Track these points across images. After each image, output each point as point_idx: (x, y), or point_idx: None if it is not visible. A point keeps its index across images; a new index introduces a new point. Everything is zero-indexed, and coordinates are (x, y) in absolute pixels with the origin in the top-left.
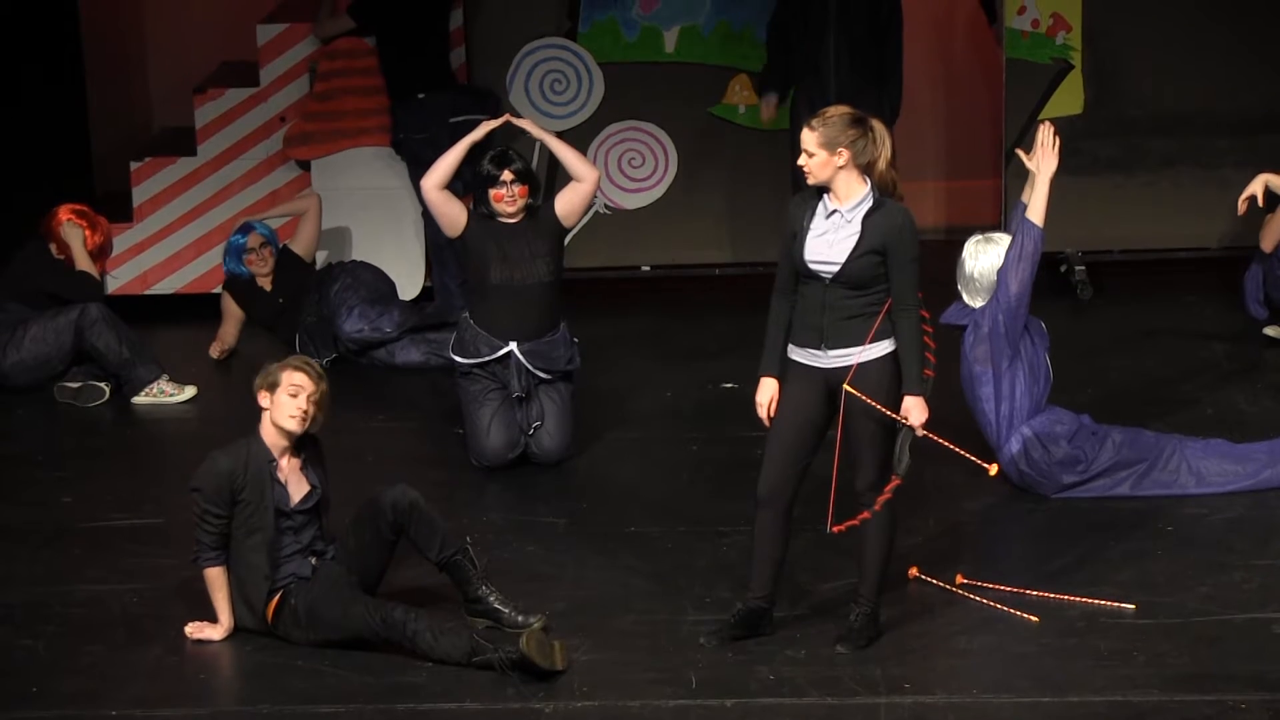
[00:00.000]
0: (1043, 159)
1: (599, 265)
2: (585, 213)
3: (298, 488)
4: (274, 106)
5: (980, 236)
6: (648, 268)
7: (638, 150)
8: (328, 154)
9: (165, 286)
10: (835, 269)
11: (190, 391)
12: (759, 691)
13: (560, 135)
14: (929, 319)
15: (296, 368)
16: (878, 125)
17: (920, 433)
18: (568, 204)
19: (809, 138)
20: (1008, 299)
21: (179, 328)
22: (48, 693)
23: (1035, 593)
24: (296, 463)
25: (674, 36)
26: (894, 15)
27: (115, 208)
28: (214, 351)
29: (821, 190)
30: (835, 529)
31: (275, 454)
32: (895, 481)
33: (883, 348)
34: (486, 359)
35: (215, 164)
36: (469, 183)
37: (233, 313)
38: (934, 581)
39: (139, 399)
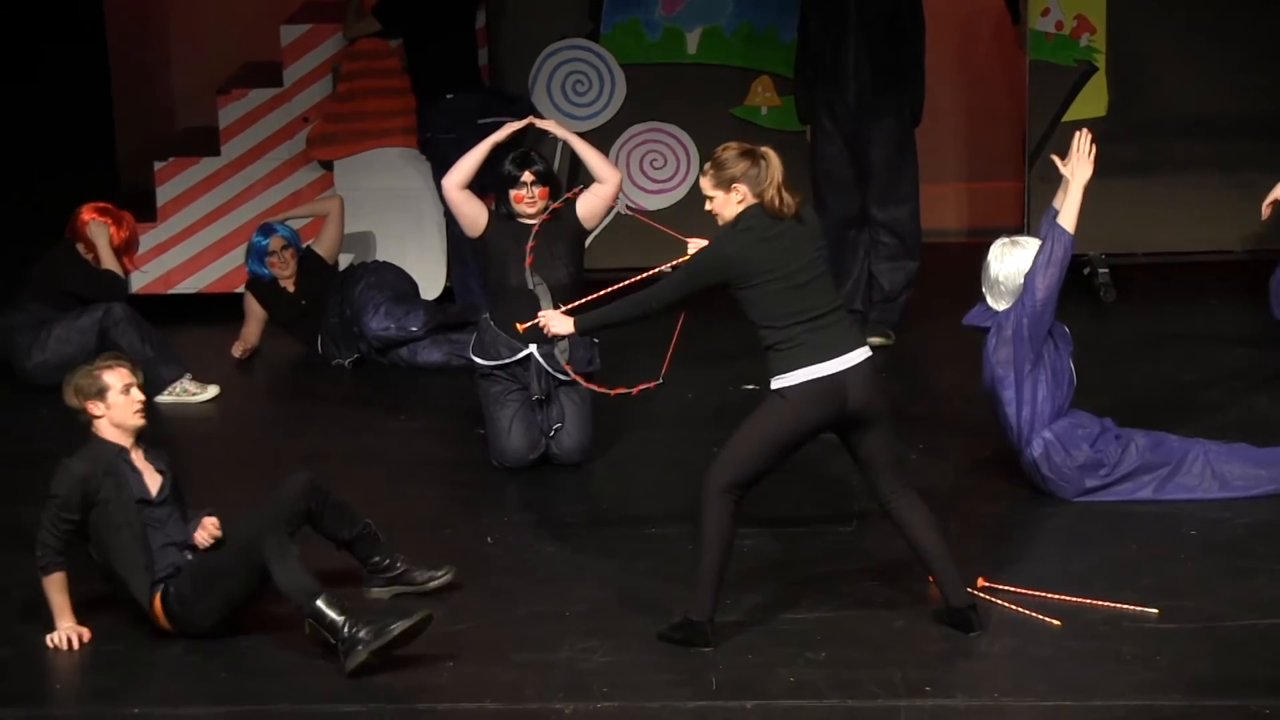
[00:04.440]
0: (1077, 165)
1: (620, 266)
2: (606, 214)
3: (152, 478)
4: (297, 107)
5: (1006, 240)
6: (669, 268)
7: (659, 151)
8: (350, 154)
9: (188, 286)
10: None
11: (213, 391)
12: (779, 693)
13: (582, 136)
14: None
15: (111, 366)
16: (769, 153)
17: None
18: (589, 205)
19: (704, 183)
20: (1033, 303)
21: (202, 327)
22: (72, 690)
23: (1057, 596)
24: (140, 453)
25: (696, 38)
26: (915, 17)
27: (139, 207)
28: (236, 351)
29: None
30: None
31: (124, 447)
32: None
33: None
34: (506, 361)
35: (238, 164)
36: (490, 183)
37: (255, 313)
38: (1004, 588)
39: (162, 398)
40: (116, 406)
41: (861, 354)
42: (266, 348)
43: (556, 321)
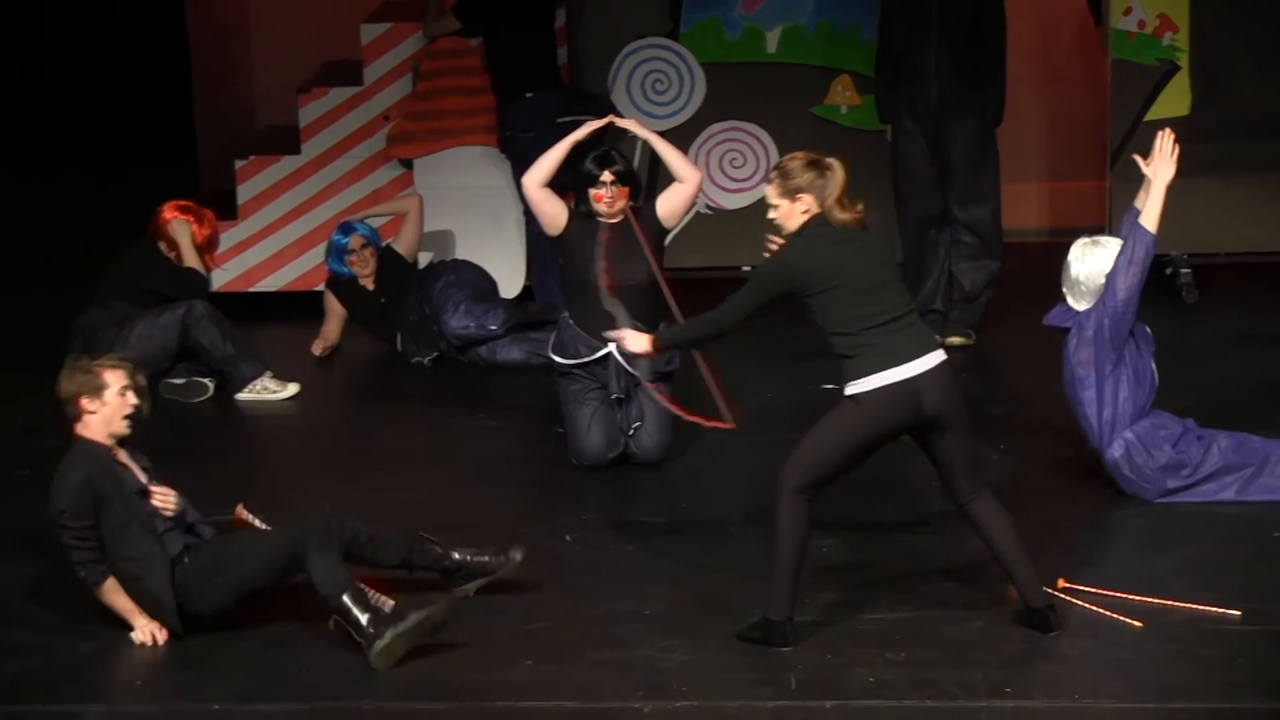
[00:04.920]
0: (1160, 165)
1: (700, 265)
2: (687, 213)
3: (139, 472)
4: (377, 106)
5: (1087, 240)
6: (749, 268)
7: (739, 150)
8: (430, 153)
9: (269, 284)
10: None
11: (293, 389)
12: (858, 694)
13: (661, 135)
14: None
15: (113, 366)
16: (835, 164)
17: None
18: (670, 205)
19: (770, 191)
20: (1115, 303)
21: (282, 325)
22: (152, 686)
23: (1138, 598)
24: (123, 453)
25: (776, 36)
26: (997, 16)
27: (220, 206)
28: (316, 349)
29: None
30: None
31: (109, 446)
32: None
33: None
34: (586, 360)
35: (319, 163)
36: (570, 182)
37: (335, 311)
38: (1085, 589)
39: (243, 395)
40: (110, 406)
41: (936, 357)
42: (346, 346)
43: (633, 340)
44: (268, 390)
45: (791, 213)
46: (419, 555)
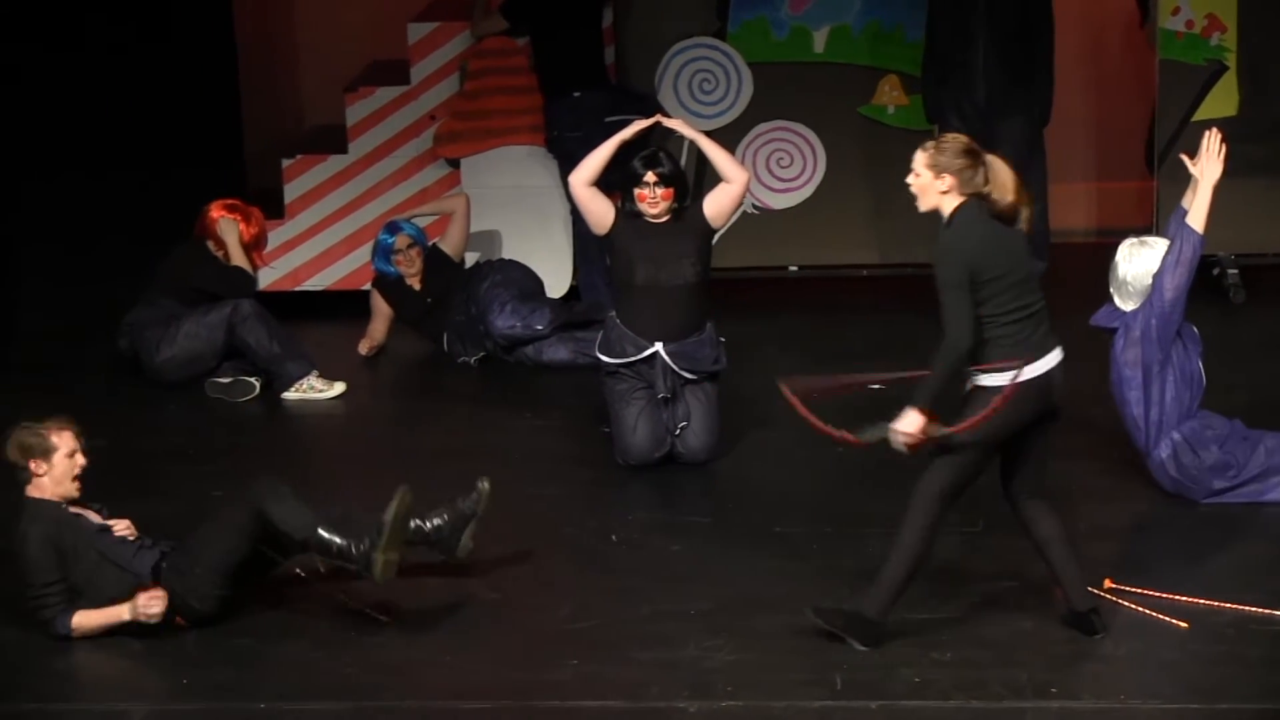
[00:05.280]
0: (1207, 165)
1: (746, 265)
2: (734, 213)
3: (91, 513)
4: (424, 105)
5: (1134, 240)
6: (795, 268)
7: (786, 150)
8: (477, 152)
9: (315, 283)
10: None
11: (339, 388)
12: (903, 694)
13: (709, 135)
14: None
15: (62, 429)
16: (995, 161)
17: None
18: (717, 205)
19: (919, 158)
20: (1162, 304)
21: (329, 324)
22: (197, 684)
23: (1184, 599)
24: (75, 506)
25: (824, 36)
26: (1044, 15)
27: (267, 205)
28: (363, 348)
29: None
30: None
31: (61, 501)
32: (851, 438)
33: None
34: (632, 359)
35: (366, 162)
36: (616, 181)
37: (382, 310)
38: (1131, 589)
39: (289, 394)
40: (58, 468)
41: (1061, 351)
42: (392, 345)
43: (909, 423)
44: (314, 389)
45: (930, 188)
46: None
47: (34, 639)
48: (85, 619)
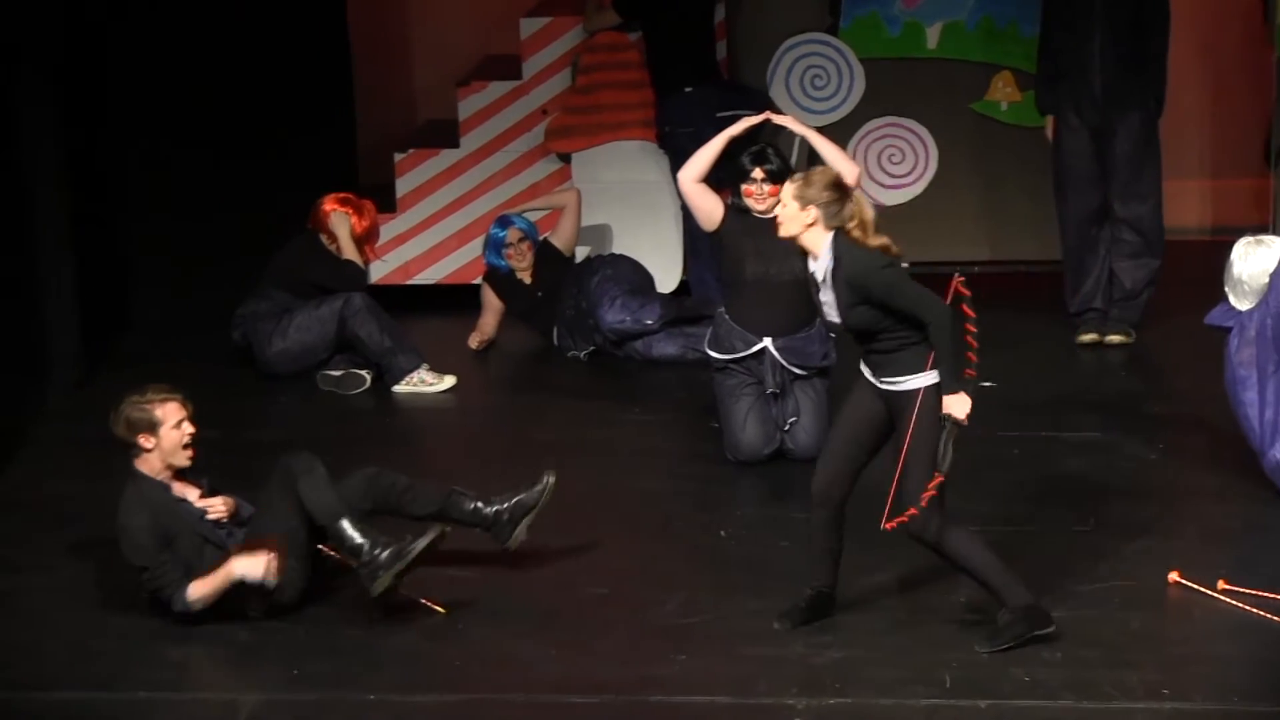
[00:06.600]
0: None
1: None
2: None
3: (194, 495)
4: (536, 100)
5: (1250, 238)
6: (906, 265)
7: (898, 146)
8: (588, 147)
9: (427, 277)
10: (841, 325)
11: (449, 381)
12: (1012, 693)
13: (820, 131)
14: (972, 317)
15: (164, 399)
16: (861, 199)
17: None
18: None
19: (788, 188)
20: (1278, 303)
21: (439, 318)
22: (309, 675)
23: None
24: (179, 483)
25: (937, 32)
26: (1159, 8)
27: (379, 199)
28: (473, 342)
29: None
30: (887, 525)
31: (165, 480)
32: (938, 478)
33: (933, 376)
34: (742, 354)
35: (477, 156)
36: (726, 177)
37: (492, 304)
38: (1195, 586)
39: (399, 388)
40: (166, 440)
41: None
42: (502, 339)
43: (956, 407)
44: (424, 383)
45: (796, 219)
46: (452, 507)
47: (146, 628)
48: (200, 587)
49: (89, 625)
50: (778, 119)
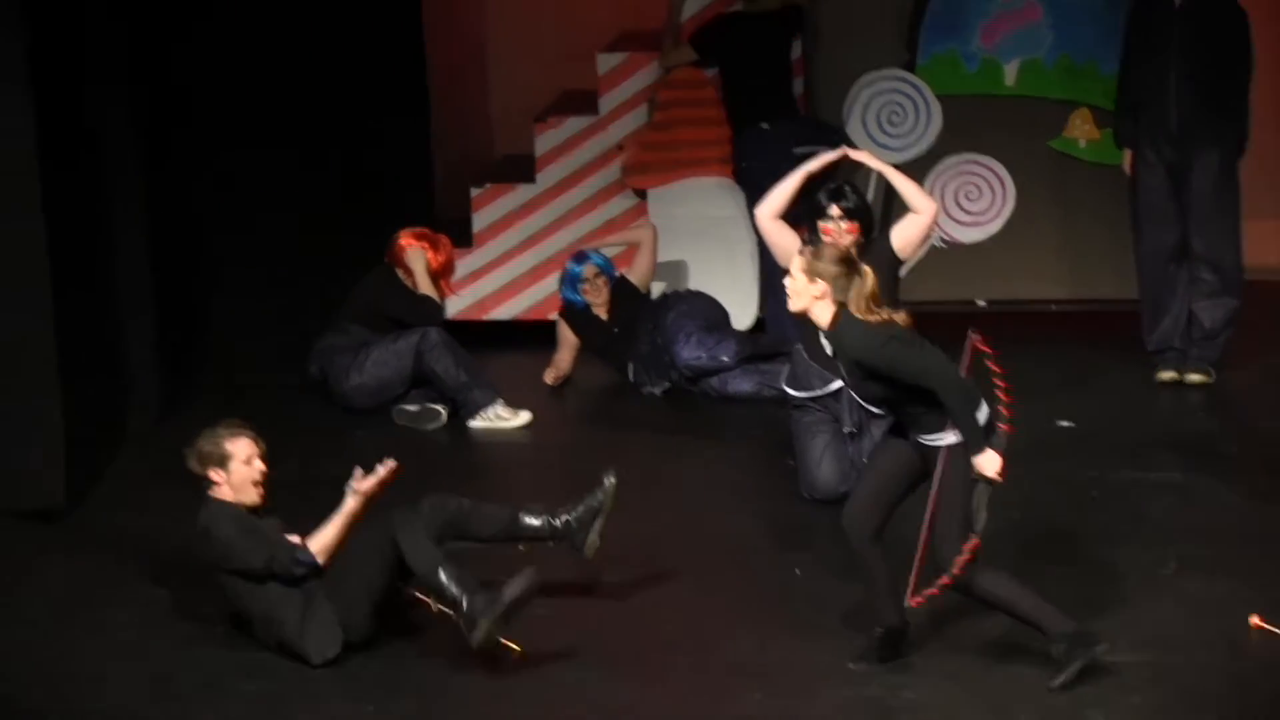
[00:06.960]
0: None
1: (934, 299)
2: (922, 245)
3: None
4: (613, 136)
5: None
6: (984, 302)
7: (975, 184)
8: (665, 183)
9: (503, 312)
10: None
11: (525, 417)
12: None
13: (897, 167)
14: (999, 372)
15: (235, 434)
16: (867, 271)
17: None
18: (904, 236)
19: (797, 261)
20: None
21: (515, 353)
22: (385, 711)
23: None
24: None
25: (1014, 69)
26: (1240, 44)
27: (456, 234)
28: (549, 378)
29: None
30: (914, 601)
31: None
32: (974, 542)
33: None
34: (819, 393)
35: (554, 192)
36: (803, 213)
37: (568, 340)
38: (1277, 631)
39: (475, 423)
40: (236, 475)
41: None
42: (578, 375)
43: (987, 466)
44: (500, 418)
45: (804, 291)
46: (520, 526)
47: (221, 660)
48: (320, 539)
49: (169, 658)
50: (855, 155)
